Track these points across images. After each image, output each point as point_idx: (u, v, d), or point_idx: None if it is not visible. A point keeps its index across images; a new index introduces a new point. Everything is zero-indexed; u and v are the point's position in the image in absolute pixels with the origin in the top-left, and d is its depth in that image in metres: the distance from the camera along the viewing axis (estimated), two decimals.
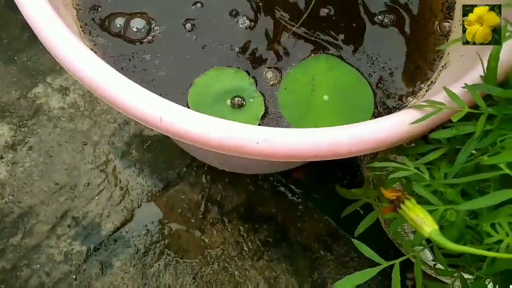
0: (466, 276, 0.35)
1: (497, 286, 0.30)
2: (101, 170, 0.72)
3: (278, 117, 0.44)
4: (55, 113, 0.74)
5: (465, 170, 0.29)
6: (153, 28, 0.46)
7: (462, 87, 0.31)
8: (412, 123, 0.30)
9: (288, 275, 0.68)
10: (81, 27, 0.45)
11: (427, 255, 0.55)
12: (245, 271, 0.68)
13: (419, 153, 0.33)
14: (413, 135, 0.32)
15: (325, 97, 0.44)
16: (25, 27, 0.79)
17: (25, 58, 0.77)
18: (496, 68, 0.30)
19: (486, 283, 0.32)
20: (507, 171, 0.25)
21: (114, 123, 0.75)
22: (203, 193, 0.71)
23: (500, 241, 0.25)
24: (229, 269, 0.68)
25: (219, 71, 0.45)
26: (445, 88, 0.31)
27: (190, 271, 0.67)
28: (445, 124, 0.32)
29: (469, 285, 0.33)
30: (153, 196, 0.71)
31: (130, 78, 0.30)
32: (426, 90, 0.44)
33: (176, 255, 0.68)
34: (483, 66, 0.31)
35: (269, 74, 0.45)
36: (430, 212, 0.28)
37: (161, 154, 0.74)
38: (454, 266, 0.40)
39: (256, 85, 0.45)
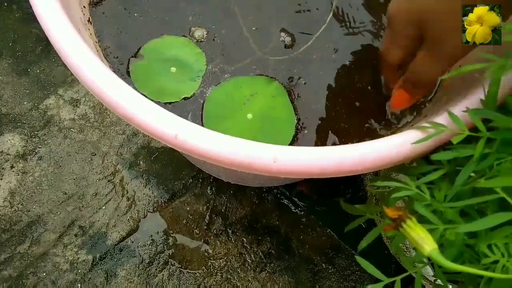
0: None
1: None
2: (108, 181, 0.73)
3: (195, 105, 0.44)
4: (65, 124, 0.76)
5: (464, 192, 0.30)
6: None
7: (463, 111, 0.33)
8: (414, 143, 0.31)
9: (290, 287, 0.69)
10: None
11: (428, 270, 0.56)
12: (247, 283, 0.68)
13: (421, 172, 0.35)
14: (415, 155, 0.33)
15: (249, 116, 0.45)
16: (39, 40, 0.81)
17: (37, 71, 0.79)
18: (497, 93, 0.31)
19: None
20: (502, 194, 0.26)
21: (122, 135, 0.76)
22: (208, 204, 0.72)
23: (496, 262, 0.26)
24: (232, 280, 0.68)
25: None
26: (448, 112, 0.32)
27: (194, 282, 0.68)
28: (446, 146, 0.34)
29: None
30: (159, 207, 0.72)
31: None
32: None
33: (180, 266, 0.68)
34: (484, 91, 0.33)
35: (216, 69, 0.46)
36: (431, 231, 0.29)
37: (168, 165, 0.75)
38: (454, 282, 0.41)
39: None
